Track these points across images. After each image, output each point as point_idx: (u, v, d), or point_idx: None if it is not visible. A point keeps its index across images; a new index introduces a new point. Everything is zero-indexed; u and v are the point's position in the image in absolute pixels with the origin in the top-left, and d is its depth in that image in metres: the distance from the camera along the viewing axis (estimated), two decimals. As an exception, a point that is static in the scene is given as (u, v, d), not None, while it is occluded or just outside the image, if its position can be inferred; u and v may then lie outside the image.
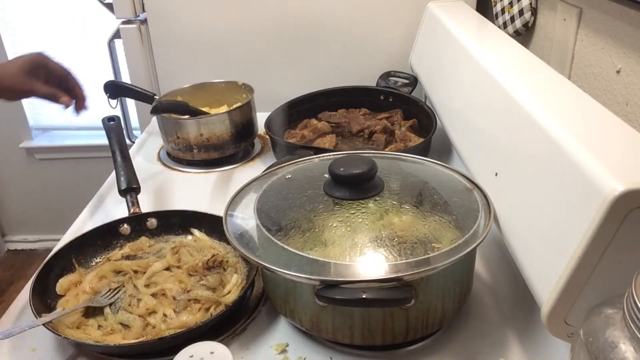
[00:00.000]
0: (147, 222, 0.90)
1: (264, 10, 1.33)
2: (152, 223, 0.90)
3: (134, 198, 0.93)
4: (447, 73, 1.05)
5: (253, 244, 0.69)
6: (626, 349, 0.42)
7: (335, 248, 0.64)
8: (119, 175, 0.95)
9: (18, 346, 0.71)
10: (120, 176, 0.95)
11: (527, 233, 0.64)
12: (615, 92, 0.86)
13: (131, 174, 0.95)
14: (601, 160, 0.53)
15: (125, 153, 0.98)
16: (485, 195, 0.73)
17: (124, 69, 1.44)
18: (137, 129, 1.48)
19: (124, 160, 0.97)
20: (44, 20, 2.05)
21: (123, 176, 0.94)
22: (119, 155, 0.98)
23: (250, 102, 1.18)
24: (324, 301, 0.61)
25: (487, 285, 0.79)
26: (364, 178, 0.71)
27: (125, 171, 0.95)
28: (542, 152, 0.63)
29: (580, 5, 0.95)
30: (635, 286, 0.42)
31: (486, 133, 0.81)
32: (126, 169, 0.95)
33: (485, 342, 0.69)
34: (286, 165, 0.84)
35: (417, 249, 0.63)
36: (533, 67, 0.84)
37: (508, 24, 1.18)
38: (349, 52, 1.37)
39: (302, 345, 0.70)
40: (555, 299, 0.54)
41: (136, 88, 1.21)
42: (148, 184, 1.11)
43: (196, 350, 0.59)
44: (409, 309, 0.63)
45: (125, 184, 0.93)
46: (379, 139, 1.13)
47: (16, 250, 2.40)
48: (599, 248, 0.51)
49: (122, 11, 1.35)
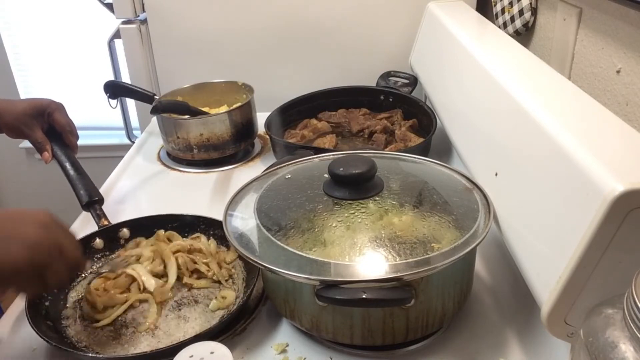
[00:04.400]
0: (120, 232, 0.87)
1: (264, 10, 1.33)
2: (124, 233, 0.87)
3: (100, 210, 0.88)
4: (447, 73, 1.05)
5: (253, 244, 0.69)
6: (626, 349, 0.42)
7: (335, 248, 0.64)
8: (77, 190, 0.89)
9: (18, 346, 0.71)
10: (78, 190, 0.89)
11: (527, 233, 0.64)
12: (615, 92, 0.86)
13: (90, 185, 0.90)
14: (601, 160, 0.53)
15: (77, 165, 0.91)
16: (485, 195, 0.73)
17: (124, 69, 1.44)
18: (137, 129, 1.48)
19: (78, 172, 0.90)
20: (44, 20, 2.05)
21: (82, 189, 0.89)
22: (70, 169, 0.90)
23: (250, 102, 1.18)
24: (324, 301, 0.61)
25: (487, 285, 0.79)
26: (364, 178, 0.71)
27: (82, 184, 0.89)
28: (542, 152, 0.63)
29: (580, 5, 0.95)
30: (635, 286, 0.42)
31: (486, 133, 0.81)
32: (83, 182, 0.90)
33: (485, 342, 0.69)
34: (286, 165, 0.84)
35: (416, 249, 0.63)
36: (533, 67, 0.84)
37: (508, 24, 1.18)
38: (349, 52, 1.37)
39: (302, 345, 0.70)
40: (555, 299, 0.54)
41: (136, 88, 1.21)
42: (148, 184, 1.11)
43: (196, 350, 0.59)
44: (409, 309, 0.63)
45: (87, 197, 0.88)
46: (379, 139, 1.13)
47: (16, 250, 2.39)
48: (599, 248, 0.51)
49: (122, 11, 1.35)
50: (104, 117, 2.03)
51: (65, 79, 2.11)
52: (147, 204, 1.05)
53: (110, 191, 1.07)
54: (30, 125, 0.89)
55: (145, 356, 0.67)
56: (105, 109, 1.27)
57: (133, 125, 1.51)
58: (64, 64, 2.09)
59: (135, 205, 1.03)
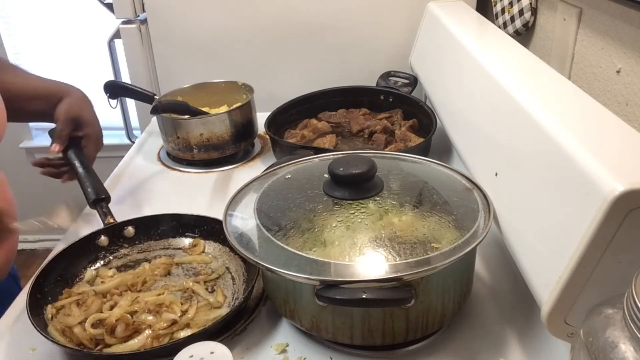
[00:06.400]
0: (125, 230, 0.88)
1: (264, 10, 1.33)
2: (129, 231, 0.88)
3: (106, 208, 0.89)
4: (447, 73, 1.05)
5: (253, 244, 0.69)
6: (626, 349, 0.42)
7: (335, 248, 0.64)
8: (84, 188, 0.90)
9: (18, 346, 0.71)
10: (86, 188, 0.90)
11: (527, 233, 0.64)
12: (615, 92, 0.86)
13: (97, 183, 0.91)
14: (601, 160, 0.53)
15: (85, 163, 0.93)
16: (485, 195, 0.73)
17: (124, 69, 1.44)
18: (137, 129, 1.48)
19: (86, 170, 0.92)
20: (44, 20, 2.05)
21: (89, 187, 0.90)
22: (79, 167, 0.92)
23: (250, 102, 1.18)
24: (324, 301, 0.61)
25: (487, 285, 0.79)
26: (364, 178, 0.71)
27: (90, 182, 0.91)
28: (542, 152, 0.63)
29: (580, 5, 0.95)
30: (635, 286, 0.42)
31: (486, 133, 0.81)
32: (91, 180, 0.91)
33: (485, 342, 0.69)
34: (286, 165, 0.84)
35: (416, 249, 0.63)
36: (533, 67, 0.84)
37: (508, 24, 1.18)
38: (349, 52, 1.37)
39: (302, 345, 0.70)
40: (555, 299, 0.54)
41: (136, 88, 1.21)
42: (148, 184, 1.11)
43: (196, 350, 0.59)
44: (409, 309, 0.63)
45: (94, 195, 0.89)
46: (379, 139, 1.13)
47: (16, 250, 2.40)
48: (599, 248, 0.51)
49: (122, 11, 1.35)
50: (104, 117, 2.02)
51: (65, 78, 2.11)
52: (147, 203, 1.05)
53: (111, 191, 1.06)
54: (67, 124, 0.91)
55: (146, 354, 0.67)
56: (105, 109, 1.27)
57: (133, 125, 1.51)
58: (64, 64, 2.09)
59: (135, 205, 1.03)
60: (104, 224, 0.88)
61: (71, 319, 0.71)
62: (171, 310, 0.72)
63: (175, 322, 0.70)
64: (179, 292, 0.77)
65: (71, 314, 0.73)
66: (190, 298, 0.76)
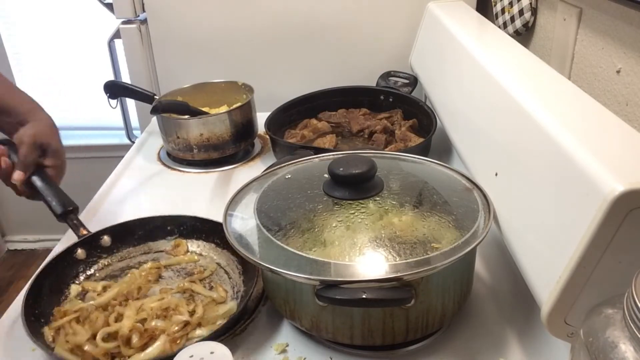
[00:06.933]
0: (101, 240, 0.85)
1: (264, 10, 1.33)
2: (105, 240, 0.85)
3: (77, 220, 0.85)
4: (447, 73, 1.05)
5: (253, 244, 0.69)
6: (626, 349, 0.42)
7: (335, 248, 0.64)
8: (48, 201, 0.84)
9: (18, 346, 0.71)
10: (50, 201, 0.84)
11: (527, 233, 0.64)
12: (615, 92, 0.86)
13: (62, 195, 0.85)
14: (601, 160, 0.53)
15: (44, 175, 0.85)
16: (485, 195, 0.73)
17: (124, 69, 1.44)
18: (137, 129, 1.48)
19: (46, 182, 0.85)
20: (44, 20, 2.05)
21: (54, 200, 0.84)
22: (37, 180, 0.84)
23: (250, 102, 1.18)
24: (324, 301, 0.61)
25: (487, 285, 0.79)
26: (364, 178, 0.71)
27: (53, 194, 0.84)
28: (542, 152, 0.63)
29: (580, 5, 0.95)
30: (635, 286, 0.42)
31: (486, 133, 0.81)
32: (53, 192, 0.84)
33: (485, 342, 0.69)
34: (286, 165, 0.84)
35: (416, 249, 0.63)
36: (533, 67, 0.84)
37: (508, 24, 1.18)
38: (349, 52, 1.37)
39: (302, 345, 0.70)
40: (555, 299, 0.54)
41: (136, 88, 1.21)
42: (148, 184, 1.11)
43: (196, 350, 0.59)
44: (409, 309, 0.63)
45: (61, 208, 0.84)
46: (379, 139, 1.13)
47: (16, 250, 2.40)
48: (599, 248, 0.51)
49: (122, 11, 1.35)
50: (104, 117, 2.03)
51: (65, 79, 2.11)
52: (147, 204, 1.05)
53: (110, 191, 1.07)
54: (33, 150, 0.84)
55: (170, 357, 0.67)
56: (105, 109, 1.27)
57: (133, 125, 1.51)
58: (64, 64, 2.09)
59: (135, 205, 1.03)
60: (78, 236, 0.84)
61: (79, 337, 0.69)
62: (179, 313, 0.72)
63: (188, 323, 0.70)
64: (178, 294, 0.77)
65: (76, 332, 0.70)
66: (192, 298, 0.76)
